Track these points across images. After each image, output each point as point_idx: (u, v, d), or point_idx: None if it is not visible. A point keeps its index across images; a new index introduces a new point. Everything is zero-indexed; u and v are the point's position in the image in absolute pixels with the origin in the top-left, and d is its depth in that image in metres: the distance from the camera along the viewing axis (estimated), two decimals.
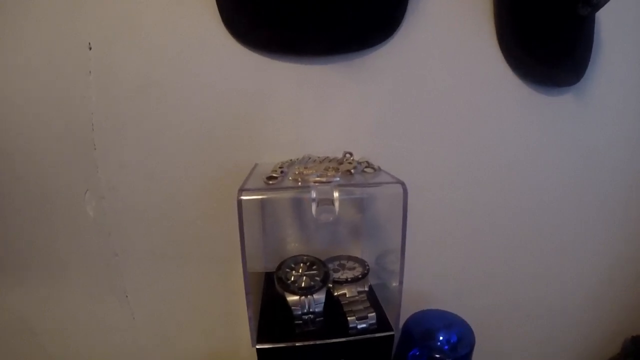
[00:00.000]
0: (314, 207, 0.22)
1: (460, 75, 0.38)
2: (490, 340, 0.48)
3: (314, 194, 0.21)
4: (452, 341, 0.35)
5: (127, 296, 0.39)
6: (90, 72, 0.34)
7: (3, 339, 0.43)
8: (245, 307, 0.37)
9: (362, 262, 0.31)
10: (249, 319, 0.25)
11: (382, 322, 0.26)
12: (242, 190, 0.21)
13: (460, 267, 0.43)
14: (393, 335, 0.26)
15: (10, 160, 0.36)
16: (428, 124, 0.37)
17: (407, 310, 0.34)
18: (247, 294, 0.24)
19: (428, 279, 0.40)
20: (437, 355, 0.32)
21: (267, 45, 0.32)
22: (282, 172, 0.25)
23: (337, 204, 0.21)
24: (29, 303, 0.41)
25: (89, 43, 0.35)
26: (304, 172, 0.24)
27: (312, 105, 0.34)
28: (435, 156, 0.38)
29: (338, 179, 0.23)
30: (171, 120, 0.35)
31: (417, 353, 0.33)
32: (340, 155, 0.30)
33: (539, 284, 0.49)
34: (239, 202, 0.21)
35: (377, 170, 0.26)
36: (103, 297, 0.40)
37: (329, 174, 0.23)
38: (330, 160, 0.29)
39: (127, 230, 0.37)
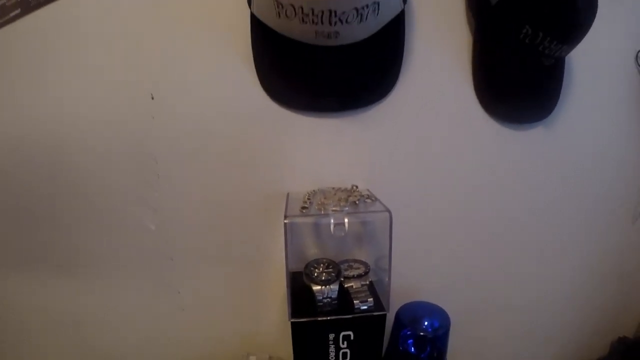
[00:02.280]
0: (332, 227, 0.38)
1: (444, 121, 0.52)
2: (477, 335, 0.61)
3: (332, 220, 0.37)
4: (434, 325, 0.50)
5: (179, 292, 0.54)
6: (153, 117, 0.49)
7: (65, 332, 0.57)
8: (272, 300, 0.53)
9: (365, 264, 0.46)
10: (288, 301, 0.40)
11: (378, 305, 0.42)
12: (286, 216, 0.38)
13: (443, 268, 0.56)
14: (386, 314, 0.41)
15: (85, 183, 0.51)
16: (417, 160, 0.52)
17: (400, 301, 0.48)
18: (287, 284, 0.40)
19: (417, 277, 0.55)
20: (422, 333, 0.48)
21: (293, 103, 0.48)
22: (310, 201, 0.41)
23: (346, 225, 0.37)
24: (91, 300, 0.55)
25: (152, 94, 0.49)
26: (324, 202, 0.40)
27: (327, 148, 0.50)
28: (423, 183, 0.53)
29: (347, 208, 0.39)
30: (218, 156, 0.49)
31: (408, 333, 0.49)
32: (349, 186, 0.47)
33: (524, 287, 0.60)
34: (285, 225, 0.37)
35: (374, 200, 0.42)
36: (158, 293, 0.54)
37: (341, 204, 0.39)
38: (342, 191, 0.44)
39: (181, 239, 0.52)
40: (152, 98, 0.49)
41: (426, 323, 0.48)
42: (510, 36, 0.48)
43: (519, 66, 0.51)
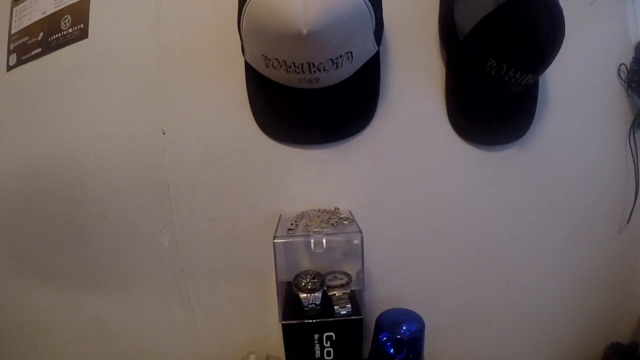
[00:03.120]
0: (312, 245, 0.47)
1: (420, 147, 0.59)
2: (471, 341, 0.65)
3: (312, 239, 0.47)
4: (412, 329, 0.58)
5: (189, 299, 0.62)
6: (165, 150, 0.60)
7: (83, 338, 0.66)
8: (271, 306, 0.61)
9: (347, 275, 0.55)
10: (279, 307, 0.50)
11: (356, 310, 0.50)
12: (275, 237, 0.47)
13: (423, 279, 0.62)
14: (362, 319, 0.50)
15: (104, 206, 0.61)
16: (396, 183, 0.59)
17: (383, 308, 0.55)
18: (278, 293, 0.50)
19: (398, 287, 0.61)
20: (398, 336, 0.56)
21: (283, 137, 0.57)
22: (296, 224, 0.50)
23: (324, 244, 0.46)
24: (107, 309, 0.64)
25: (163, 130, 0.60)
26: (309, 224, 0.50)
27: (315, 175, 0.58)
28: (401, 204, 0.60)
29: (327, 229, 0.48)
30: (224, 184, 0.59)
31: (385, 337, 0.57)
32: (332, 208, 0.56)
33: (517, 292, 0.64)
34: (274, 244, 0.47)
35: (350, 222, 0.50)
36: (170, 302, 0.62)
37: (322, 226, 0.49)
38: (326, 213, 0.54)
39: (192, 253, 0.60)
40: (164, 133, 0.60)
41: (404, 327, 0.56)
42: (477, 68, 0.53)
43: (488, 94, 0.57)
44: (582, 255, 0.65)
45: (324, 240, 0.46)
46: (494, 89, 0.55)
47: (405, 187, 0.60)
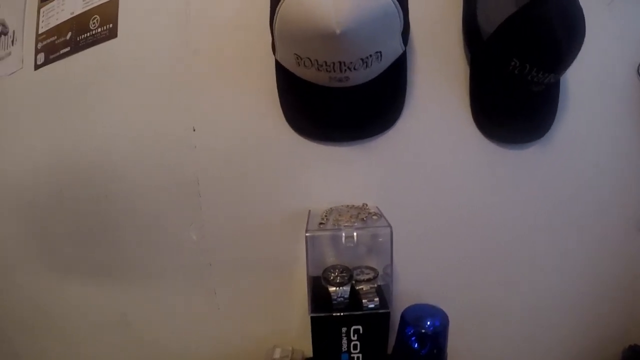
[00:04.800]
0: (343, 239, 0.47)
1: (444, 145, 0.58)
2: (486, 345, 0.65)
3: (343, 234, 0.46)
4: (435, 324, 0.58)
5: (215, 293, 0.62)
6: (195, 146, 0.60)
7: (110, 329, 0.66)
8: (296, 300, 0.62)
9: (374, 270, 0.54)
10: (308, 300, 0.50)
11: (383, 304, 0.50)
12: (307, 231, 0.47)
13: (446, 275, 0.62)
14: (389, 312, 0.50)
15: (133, 201, 0.61)
16: (421, 180, 0.59)
17: (405, 303, 0.53)
18: (308, 285, 0.49)
19: (422, 283, 0.60)
20: (423, 331, 0.56)
21: (312, 135, 0.57)
22: (327, 218, 0.50)
23: (355, 238, 0.46)
24: (134, 302, 0.64)
25: (193, 127, 0.60)
26: (339, 218, 0.50)
27: (342, 172, 0.58)
28: (426, 200, 0.59)
29: (357, 224, 0.48)
30: (250, 179, 0.58)
31: (411, 330, 0.57)
32: (360, 204, 0.56)
33: (533, 294, 0.63)
34: (306, 237, 0.47)
35: (379, 217, 0.50)
36: (196, 295, 0.62)
37: (352, 220, 0.49)
38: (354, 208, 0.54)
39: (219, 248, 0.60)
40: (194, 130, 0.60)
41: (428, 322, 0.55)
42: (501, 68, 0.53)
43: (511, 94, 0.56)
44: (599, 257, 0.64)
45: (355, 234, 0.46)
46: (517, 88, 0.55)
47: (428, 185, 0.60)
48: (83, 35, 0.64)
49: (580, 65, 0.53)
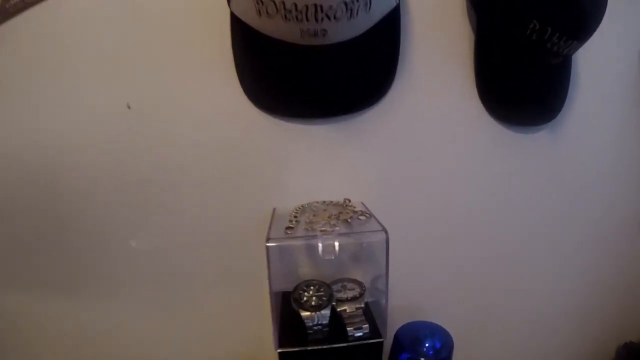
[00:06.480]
0: (320, 249, 0.33)
1: (444, 126, 0.48)
2: (482, 343, 0.58)
3: (320, 243, 0.32)
4: (436, 347, 0.46)
5: (169, 309, 0.50)
6: (136, 132, 0.45)
7: (63, 346, 0.53)
8: (263, 319, 0.49)
9: (360, 284, 0.42)
10: (274, 329, 0.36)
11: (374, 331, 0.37)
12: (268, 239, 0.33)
13: (442, 285, 0.53)
14: (382, 342, 0.37)
15: (79, 201, 0.47)
16: (416, 168, 0.48)
17: (398, 321, 0.44)
18: (272, 309, 0.35)
19: (415, 296, 0.51)
20: (422, 359, 0.44)
21: (278, 109, 0.44)
22: (296, 219, 0.36)
23: (337, 248, 0.32)
24: (87, 315, 0.51)
25: (128, 104, 0.44)
26: (313, 220, 0.35)
27: (317, 158, 0.45)
28: (421, 194, 0.49)
29: (338, 228, 0.34)
30: (204, 172, 0.46)
31: (407, 356, 0.44)
32: (341, 200, 0.42)
33: (528, 294, 0.57)
34: (267, 247, 0.32)
35: (369, 217, 0.37)
36: (149, 310, 0.51)
37: (331, 223, 0.34)
38: (333, 206, 0.40)
39: (172, 257, 0.48)
40: (129, 107, 0.45)
41: (427, 345, 0.43)
42: (516, 32, 0.44)
43: (525, 65, 0.47)
44: (597, 255, 0.59)
45: (336, 244, 0.32)
46: (532, 58, 0.47)
47: (424, 175, 0.49)
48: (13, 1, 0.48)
49: (587, 46, 0.46)
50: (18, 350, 0.54)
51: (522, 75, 0.48)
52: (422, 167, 0.48)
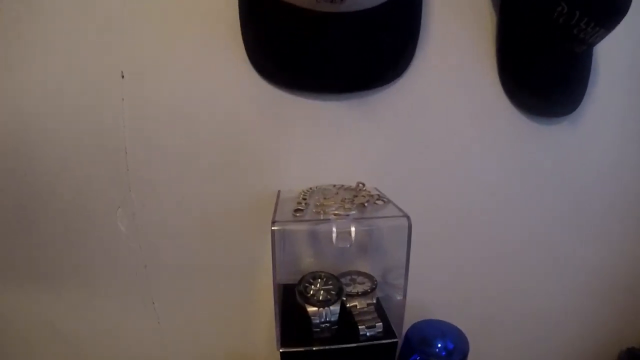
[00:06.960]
0: (334, 236, 0.29)
1: (463, 110, 0.45)
2: (485, 347, 0.54)
3: (334, 227, 0.28)
4: (448, 348, 0.42)
5: (153, 303, 0.46)
6: (123, 99, 0.41)
7: (33, 341, 0.49)
8: (260, 315, 0.44)
9: (370, 278, 0.38)
10: (276, 326, 0.32)
11: (388, 331, 0.34)
12: (274, 222, 0.28)
13: (454, 281, 0.50)
14: (397, 342, 0.33)
15: (46, 178, 0.42)
16: (432, 153, 0.45)
17: (408, 319, 0.39)
18: (275, 303, 0.31)
19: (427, 293, 0.47)
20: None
21: (288, 83, 0.40)
22: (306, 202, 0.32)
23: (353, 234, 0.28)
24: (59, 309, 0.47)
25: (122, 72, 0.40)
26: (324, 203, 0.31)
27: (328, 137, 0.41)
28: (437, 182, 0.46)
29: (354, 212, 0.30)
30: (199, 148, 0.42)
31: (417, 358, 0.41)
32: (353, 184, 0.38)
33: (531, 296, 0.55)
34: (272, 232, 0.28)
35: (386, 202, 0.33)
36: (131, 304, 0.46)
37: (346, 207, 0.30)
38: (345, 189, 0.35)
39: (156, 244, 0.44)
40: (122, 77, 0.40)
41: (439, 345, 0.40)
42: (542, 15, 0.42)
43: (550, 50, 0.44)
44: (602, 257, 0.57)
45: (353, 230, 0.27)
46: (557, 43, 0.44)
47: (440, 161, 0.46)
48: None
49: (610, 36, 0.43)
50: None
51: (544, 61, 0.46)
52: (438, 153, 0.45)
